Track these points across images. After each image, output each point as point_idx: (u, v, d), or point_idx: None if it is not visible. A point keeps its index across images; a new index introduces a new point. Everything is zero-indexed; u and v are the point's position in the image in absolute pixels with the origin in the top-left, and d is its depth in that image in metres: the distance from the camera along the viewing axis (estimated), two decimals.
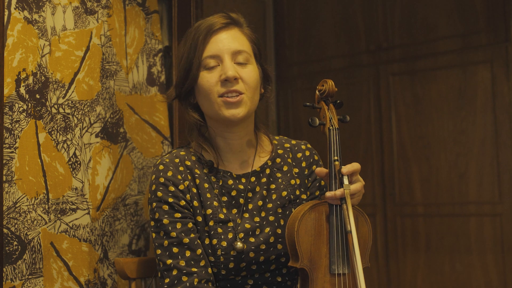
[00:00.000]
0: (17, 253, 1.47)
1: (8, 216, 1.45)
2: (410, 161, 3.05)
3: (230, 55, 1.37)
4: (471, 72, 2.91)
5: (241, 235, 1.35)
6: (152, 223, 1.35)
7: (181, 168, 1.38)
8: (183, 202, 1.34)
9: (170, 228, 1.31)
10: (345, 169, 1.26)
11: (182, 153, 1.42)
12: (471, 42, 2.91)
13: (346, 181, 1.25)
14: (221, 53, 1.37)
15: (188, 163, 1.40)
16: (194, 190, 1.37)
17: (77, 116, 1.67)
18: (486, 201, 2.84)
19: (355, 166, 1.28)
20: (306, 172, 1.49)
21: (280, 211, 1.41)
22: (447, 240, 2.92)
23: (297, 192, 1.45)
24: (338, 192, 1.24)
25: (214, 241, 1.33)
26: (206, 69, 1.37)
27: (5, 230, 1.44)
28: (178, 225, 1.32)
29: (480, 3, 2.89)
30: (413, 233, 3.02)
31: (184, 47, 1.42)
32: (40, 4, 1.58)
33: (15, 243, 1.47)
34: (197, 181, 1.38)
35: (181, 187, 1.35)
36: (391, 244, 3.07)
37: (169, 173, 1.36)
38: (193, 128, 1.45)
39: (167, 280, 1.30)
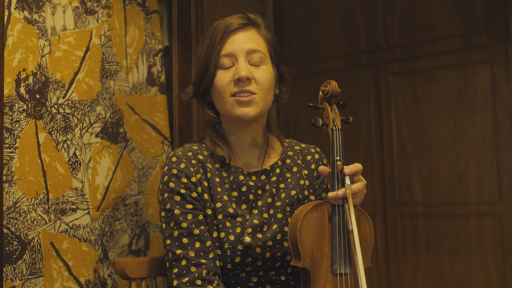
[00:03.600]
0: (17, 253, 1.47)
1: (8, 216, 1.45)
2: (410, 161, 3.05)
3: (244, 54, 1.38)
4: (471, 72, 2.91)
5: (249, 230, 1.36)
6: (163, 214, 1.36)
7: (193, 161, 1.40)
8: (194, 194, 1.36)
9: (181, 218, 1.33)
10: (348, 169, 1.28)
11: (195, 147, 1.44)
12: (471, 42, 2.91)
13: (348, 181, 1.26)
14: (236, 52, 1.38)
15: (201, 157, 1.42)
16: (205, 184, 1.39)
17: (77, 116, 1.67)
18: (486, 201, 2.84)
19: (357, 166, 1.29)
20: (315, 174, 1.52)
21: (288, 209, 1.43)
22: (447, 240, 2.92)
23: (306, 193, 1.47)
24: (340, 192, 1.25)
25: (222, 235, 1.35)
26: (221, 69, 1.40)
27: (5, 230, 1.44)
28: (189, 216, 1.33)
29: (480, 3, 2.89)
30: (413, 233, 3.02)
31: (202, 46, 1.44)
32: (40, 4, 1.58)
33: (15, 243, 1.47)
34: (209, 175, 1.40)
35: (193, 179, 1.37)
36: (391, 244, 3.07)
37: (182, 165, 1.38)
38: (208, 125, 1.49)
39: (175, 270, 1.30)
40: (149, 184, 1.93)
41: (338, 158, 1.30)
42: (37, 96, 1.55)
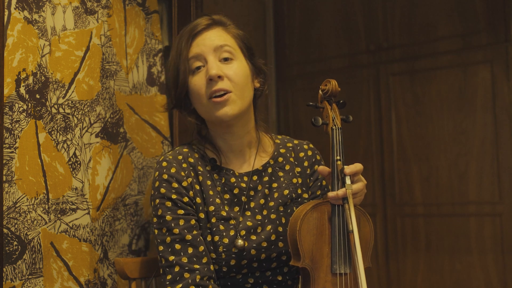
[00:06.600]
0: (17, 253, 1.47)
1: (8, 216, 1.45)
2: (410, 161, 3.05)
3: (212, 52, 1.36)
4: (471, 72, 2.91)
5: (243, 232, 1.35)
6: (155, 220, 1.35)
7: (184, 165, 1.38)
8: (186, 199, 1.34)
9: (173, 224, 1.32)
10: (348, 169, 1.27)
11: (185, 150, 1.43)
12: (471, 42, 2.91)
13: (348, 181, 1.25)
14: (203, 52, 1.36)
15: (191, 160, 1.40)
16: (197, 187, 1.37)
17: (77, 116, 1.67)
18: (486, 201, 2.84)
19: (358, 166, 1.28)
20: (308, 172, 1.49)
21: (281, 209, 1.41)
22: (447, 240, 2.92)
23: (299, 191, 1.45)
24: (340, 192, 1.24)
25: (216, 238, 1.34)
26: (193, 73, 1.37)
27: (5, 230, 1.44)
28: (181, 222, 1.32)
29: (480, 3, 2.89)
30: (413, 233, 3.02)
31: (171, 55, 1.42)
32: (40, 4, 1.58)
33: (15, 243, 1.47)
34: (200, 178, 1.39)
35: (184, 183, 1.35)
36: (391, 244, 3.07)
37: (173, 170, 1.36)
38: (194, 131, 1.47)
39: (169, 277, 1.30)
40: (149, 184, 1.93)
41: (338, 157, 1.30)
42: (37, 96, 1.55)
